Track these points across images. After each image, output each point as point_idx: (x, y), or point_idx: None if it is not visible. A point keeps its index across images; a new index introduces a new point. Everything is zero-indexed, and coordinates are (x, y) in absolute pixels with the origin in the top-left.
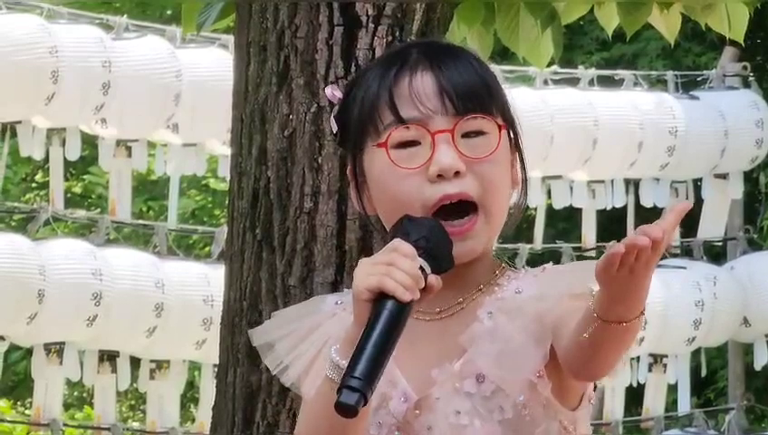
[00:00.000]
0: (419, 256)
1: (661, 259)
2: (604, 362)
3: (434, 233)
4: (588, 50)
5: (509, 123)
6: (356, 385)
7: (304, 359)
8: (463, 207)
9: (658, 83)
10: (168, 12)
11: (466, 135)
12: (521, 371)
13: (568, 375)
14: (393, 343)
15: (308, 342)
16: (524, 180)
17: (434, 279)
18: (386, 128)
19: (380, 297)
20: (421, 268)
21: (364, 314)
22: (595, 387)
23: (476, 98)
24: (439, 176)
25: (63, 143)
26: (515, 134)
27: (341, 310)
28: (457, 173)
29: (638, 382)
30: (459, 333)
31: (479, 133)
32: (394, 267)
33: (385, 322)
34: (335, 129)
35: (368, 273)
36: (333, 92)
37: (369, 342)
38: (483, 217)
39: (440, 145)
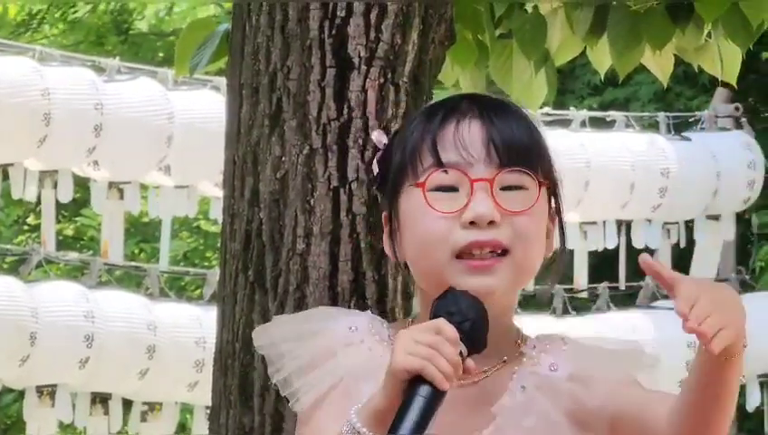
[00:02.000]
0: (461, 339)
1: (653, 300)
2: (714, 424)
3: (477, 315)
4: (580, 94)
5: (551, 185)
6: None
7: (317, 390)
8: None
9: (650, 126)
10: (160, 54)
11: (506, 188)
12: None
13: None
14: (426, 428)
15: (321, 371)
16: (562, 249)
17: (471, 363)
18: (425, 170)
19: (417, 379)
20: (460, 352)
21: (397, 392)
22: None
23: (522, 152)
24: (472, 223)
25: (55, 185)
26: (557, 200)
27: (358, 341)
28: (492, 223)
29: None
30: (485, 403)
31: (519, 188)
32: (437, 353)
33: (421, 409)
34: (376, 172)
35: (409, 351)
36: (380, 138)
37: (402, 427)
38: (510, 261)
39: (478, 193)
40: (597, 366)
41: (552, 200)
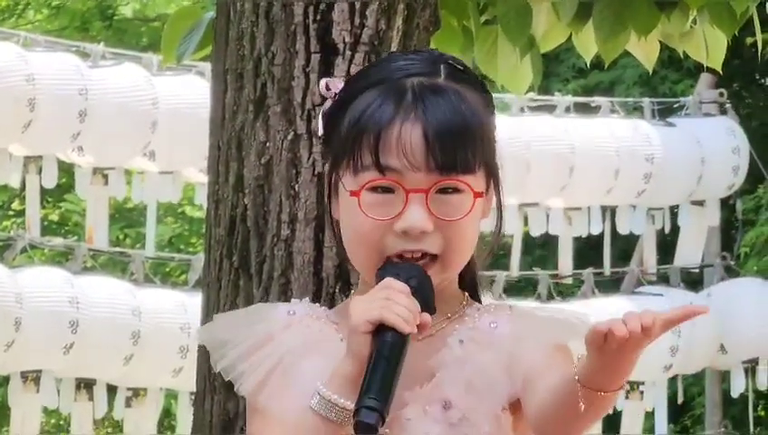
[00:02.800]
0: (412, 294)
1: (637, 286)
2: (573, 428)
3: (421, 276)
4: (564, 78)
5: (491, 170)
6: (374, 405)
7: (260, 371)
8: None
9: (635, 111)
10: (145, 39)
11: (442, 190)
12: (489, 402)
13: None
14: (399, 372)
15: (262, 353)
16: (500, 218)
17: (427, 317)
18: (364, 168)
19: (380, 330)
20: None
21: (363, 347)
22: None
23: (461, 156)
24: (405, 232)
25: (40, 171)
26: (497, 182)
27: (297, 322)
28: (424, 232)
29: (615, 409)
30: (428, 359)
31: (456, 190)
32: (392, 301)
33: (390, 350)
34: (321, 129)
35: (366, 308)
36: (328, 86)
37: (379, 367)
38: (439, 266)
39: (412, 203)
40: (534, 328)
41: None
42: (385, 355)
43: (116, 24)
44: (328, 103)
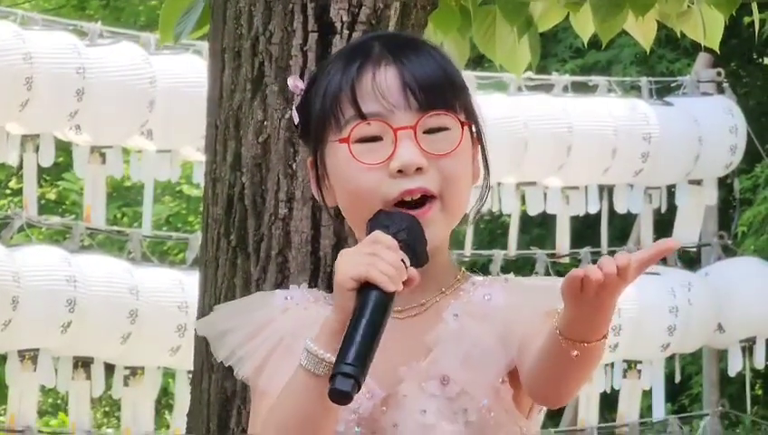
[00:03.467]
0: (400, 248)
1: None
2: (563, 386)
3: (412, 226)
4: (562, 57)
5: (471, 118)
6: (350, 371)
7: (259, 354)
8: (421, 200)
9: (632, 90)
10: (142, 18)
11: (429, 131)
12: (486, 375)
13: (532, 398)
14: (380, 333)
15: (261, 337)
16: (486, 175)
17: (414, 272)
18: (347, 122)
19: (364, 287)
20: (402, 261)
21: (348, 304)
22: None
23: (440, 93)
24: (400, 172)
25: (37, 149)
26: (478, 128)
27: (294, 305)
28: (419, 169)
29: (613, 388)
30: (424, 334)
31: (441, 129)
32: (378, 258)
33: (372, 311)
34: (296, 121)
35: (351, 263)
36: (296, 83)
37: (358, 330)
38: (440, 205)
39: (402, 141)
40: (528, 296)
41: (474, 128)
42: (366, 316)
43: (113, 2)
44: (298, 99)
